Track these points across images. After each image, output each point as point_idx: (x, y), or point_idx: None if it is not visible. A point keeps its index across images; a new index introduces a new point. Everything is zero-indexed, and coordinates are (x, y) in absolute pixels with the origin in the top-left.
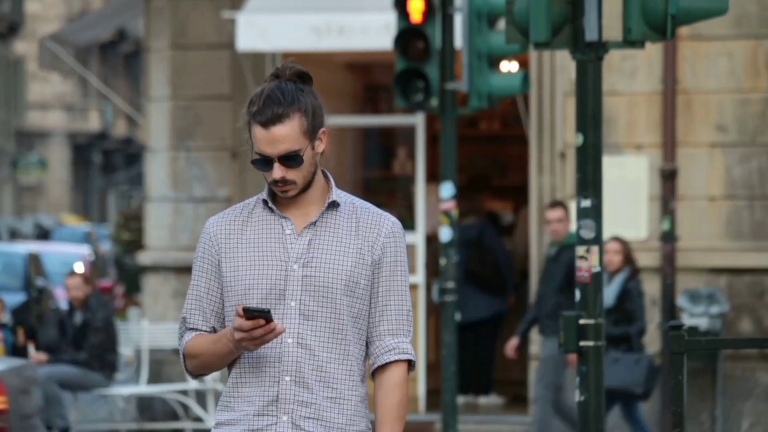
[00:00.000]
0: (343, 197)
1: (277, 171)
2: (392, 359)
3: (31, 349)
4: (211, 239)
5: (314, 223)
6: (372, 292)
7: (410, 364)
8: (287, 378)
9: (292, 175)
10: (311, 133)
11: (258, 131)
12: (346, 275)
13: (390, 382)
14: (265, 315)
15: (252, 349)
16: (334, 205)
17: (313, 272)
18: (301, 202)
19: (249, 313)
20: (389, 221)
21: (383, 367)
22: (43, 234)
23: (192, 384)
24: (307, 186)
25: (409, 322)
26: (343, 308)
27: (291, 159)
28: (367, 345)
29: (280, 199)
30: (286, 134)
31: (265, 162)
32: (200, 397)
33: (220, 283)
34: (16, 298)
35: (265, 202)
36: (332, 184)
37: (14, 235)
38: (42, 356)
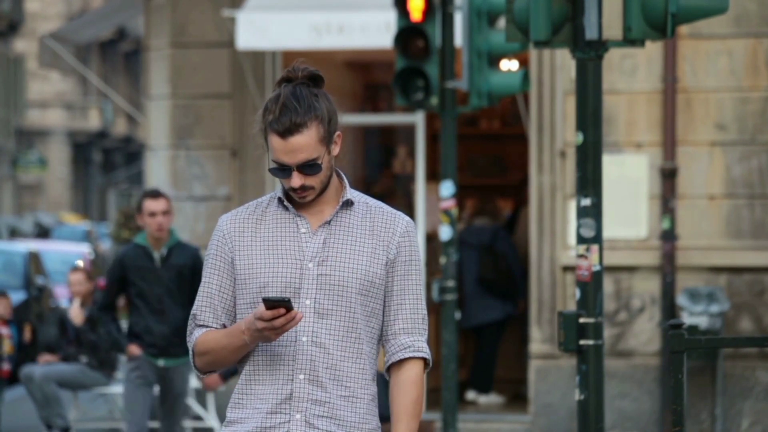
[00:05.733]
0: (357, 196)
1: (296, 179)
2: (407, 356)
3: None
4: (224, 236)
5: (329, 222)
6: (387, 290)
7: (426, 363)
8: (301, 376)
9: (310, 181)
10: (327, 139)
11: (275, 141)
12: (361, 274)
13: (406, 380)
14: (285, 304)
15: (273, 339)
16: (348, 204)
17: (328, 271)
18: (316, 201)
19: (269, 303)
20: (403, 221)
21: (399, 364)
22: (43, 232)
23: (192, 382)
24: (324, 189)
25: (424, 322)
26: (357, 307)
27: (309, 167)
28: (382, 343)
29: None
30: (304, 144)
31: (283, 170)
32: (200, 395)
33: (233, 281)
34: (16, 297)
35: (279, 200)
36: (346, 183)
37: (14, 233)
38: (49, 357)
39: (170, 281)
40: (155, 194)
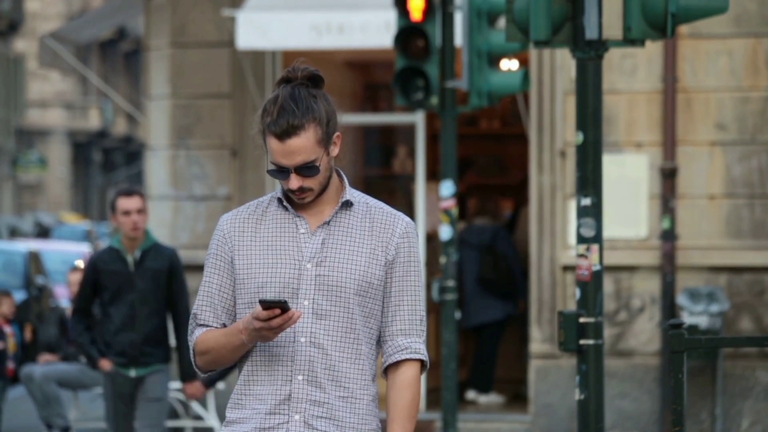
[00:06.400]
0: (357, 196)
1: (294, 181)
2: (404, 358)
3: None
4: (224, 236)
5: (328, 223)
6: (385, 291)
7: (423, 365)
8: (300, 377)
9: (308, 183)
10: (326, 140)
11: (273, 143)
12: (359, 275)
13: (402, 381)
14: (282, 305)
15: (271, 338)
16: (347, 204)
17: (326, 272)
18: (316, 201)
19: (265, 305)
20: (403, 221)
21: (395, 365)
22: (43, 232)
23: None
24: (323, 189)
25: (423, 323)
26: (356, 308)
27: (307, 169)
28: (380, 344)
29: None
30: (301, 146)
31: (281, 172)
32: None
33: (233, 281)
34: (16, 297)
35: (279, 200)
36: (346, 184)
37: (14, 233)
38: (49, 356)
39: (144, 286)
40: (129, 192)
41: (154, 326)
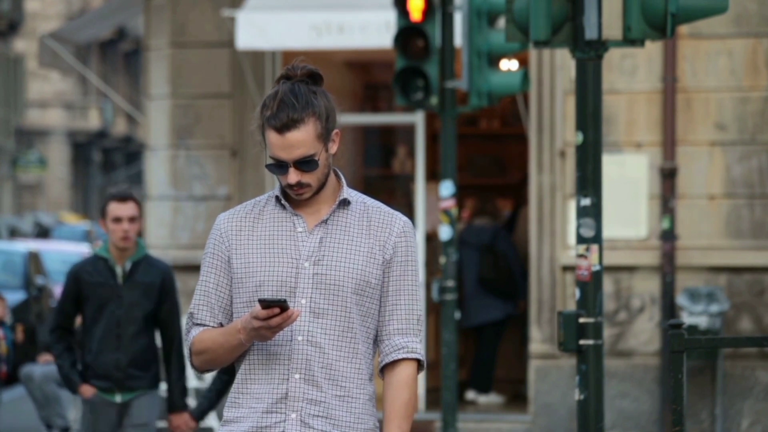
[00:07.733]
0: (354, 196)
1: (293, 176)
2: (401, 357)
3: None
4: (221, 235)
5: (325, 221)
6: (382, 291)
7: (420, 364)
8: (297, 376)
9: (307, 178)
10: (325, 136)
11: (272, 136)
12: (357, 274)
13: (398, 381)
14: (281, 304)
15: (270, 337)
16: (344, 203)
17: (324, 270)
18: (313, 200)
19: (265, 304)
20: (401, 221)
21: (392, 365)
22: (43, 232)
23: (191, 382)
24: (321, 187)
25: (420, 323)
26: (353, 307)
27: (306, 164)
28: (377, 343)
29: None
30: (301, 140)
31: (280, 166)
32: (199, 395)
33: (230, 280)
34: (15, 297)
35: (277, 198)
36: (343, 183)
37: (14, 233)
38: (48, 357)
39: (132, 301)
40: (123, 197)
41: (141, 347)
